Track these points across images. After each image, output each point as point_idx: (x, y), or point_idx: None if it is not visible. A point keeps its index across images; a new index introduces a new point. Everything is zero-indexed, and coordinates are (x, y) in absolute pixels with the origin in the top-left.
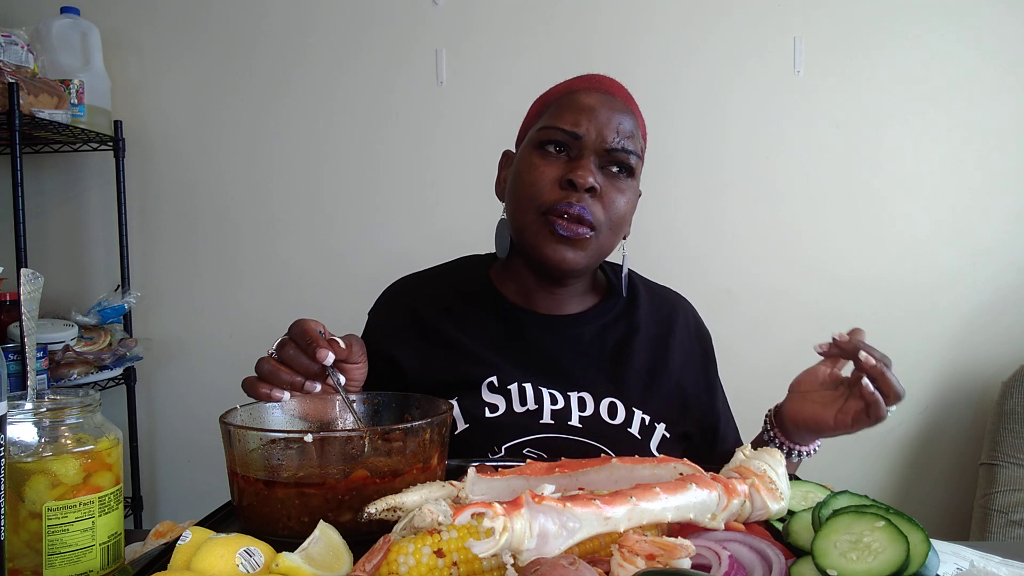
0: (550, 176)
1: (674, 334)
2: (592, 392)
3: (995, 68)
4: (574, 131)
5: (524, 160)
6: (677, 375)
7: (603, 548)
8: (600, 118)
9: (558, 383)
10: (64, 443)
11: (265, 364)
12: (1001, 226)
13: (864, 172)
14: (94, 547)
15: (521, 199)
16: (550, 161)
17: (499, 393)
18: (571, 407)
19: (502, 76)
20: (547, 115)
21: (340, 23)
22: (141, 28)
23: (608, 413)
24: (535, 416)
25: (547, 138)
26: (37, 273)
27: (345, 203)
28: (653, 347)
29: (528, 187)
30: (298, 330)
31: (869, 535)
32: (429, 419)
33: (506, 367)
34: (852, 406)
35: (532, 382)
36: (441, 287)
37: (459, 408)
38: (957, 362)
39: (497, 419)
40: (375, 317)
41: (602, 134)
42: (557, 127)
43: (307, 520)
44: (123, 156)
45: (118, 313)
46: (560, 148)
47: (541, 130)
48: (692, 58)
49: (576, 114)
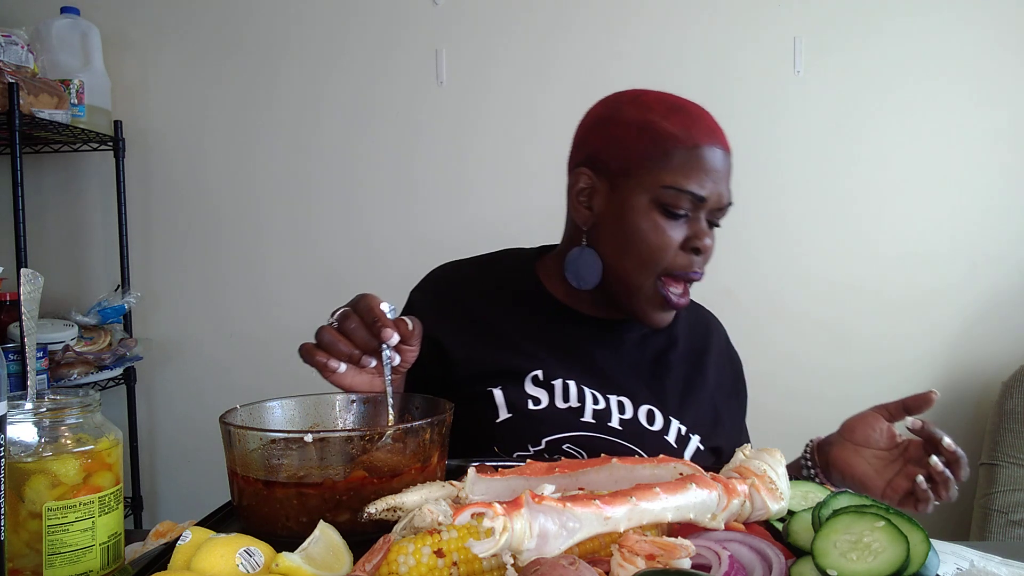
0: (676, 239)
1: (710, 352)
2: (631, 397)
3: (996, 69)
4: (701, 195)
5: (646, 218)
6: (711, 391)
7: (603, 548)
8: (721, 180)
9: (599, 384)
10: (64, 443)
11: (326, 334)
12: (1001, 226)
13: (864, 172)
14: (94, 547)
15: (643, 259)
16: (673, 224)
17: (543, 387)
18: (611, 409)
19: (502, 76)
20: (670, 169)
21: (340, 23)
22: (141, 28)
23: (647, 419)
24: (577, 413)
25: (675, 203)
26: (37, 273)
27: (347, 203)
28: (689, 362)
29: (655, 251)
30: (364, 305)
31: (869, 535)
32: (429, 419)
33: (550, 362)
34: (902, 485)
35: (575, 380)
36: (488, 278)
37: (502, 397)
38: (957, 362)
39: (539, 412)
40: (420, 297)
41: (721, 196)
42: (687, 191)
43: (306, 520)
44: (123, 156)
45: (118, 313)
46: (683, 210)
47: (668, 190)
48: (692, 58)
49: (702, 175)
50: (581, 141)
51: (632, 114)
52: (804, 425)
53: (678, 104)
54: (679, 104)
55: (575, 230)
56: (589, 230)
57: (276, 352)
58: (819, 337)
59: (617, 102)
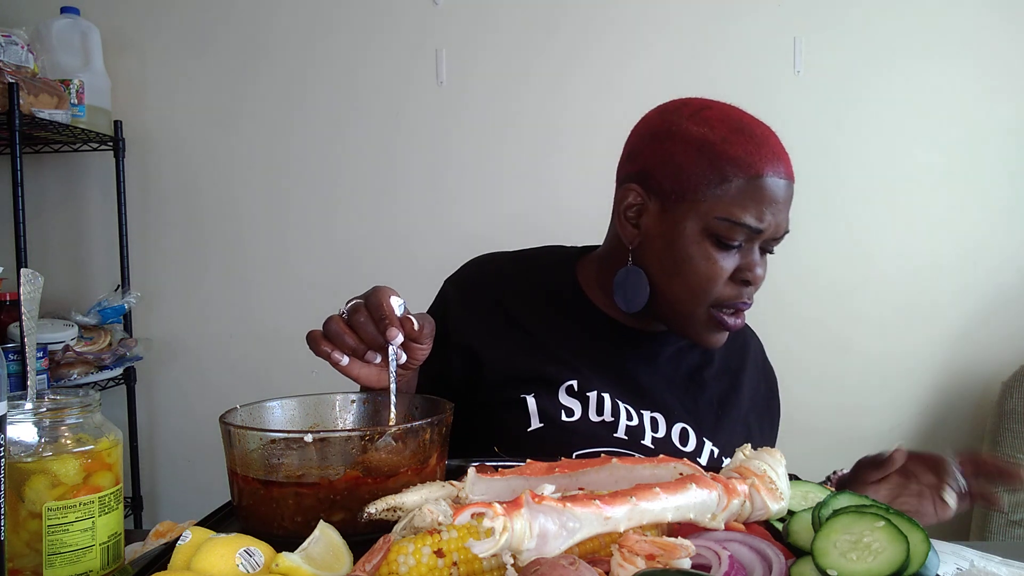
0: (726, 270)
1: (745, 369)
2: (666, 414)
3: (995, 67)
4: (758, 227)
5: (697, 247)
6: (745, 410)
7: (603, 548)
8: (782, 211)
9: (633, 399)
10: (64, 443)
11: (333, 324)
12: (1001, 226)
13: (864, 172)
14: (94, 547)
15: (692, 288)
16: (726, 254)
17: (577, 398)
18: (644, 426)
19: (502, 76)
20: (727, 199)
21: (341, 23)
22: (141, 28)
23: (680, 439)
24: (610, 428)
25: (729, 236)
26: (37, 273)
27: (345, 203)
28: (725, 380)
29: (704, 281)
30: (375, 300)
31: (869, 535)
32: (429, 419)
33: (586, 373)
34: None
35: (610, 393)
36: (527, 279)
37: (535, 405)
38: (957, 362)
39: (572, 424)
40: (454, 291)
41: (779, 227)
42: (743, 223)
43: (305, 520)
44: (123, 156)
45: (118, 313)
46: (737, 241)
47: (723, 222)
48: (693, 58)
49: (761, 207)
50: (634, 153)
51: (692, 131)
52: (805, 421)
53: (743, 125)
54: (744, 125)
55: (619, 245)
56: (635, 248)
57: (277, 352)
58: (818, 337)
59: (677, 114)
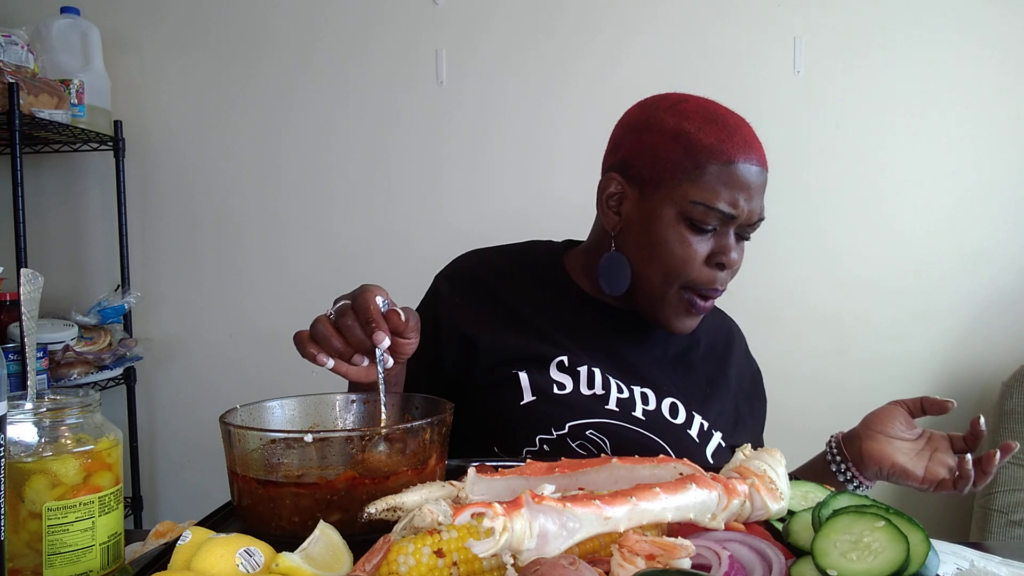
0: (701, 254)
1: (732, 354)
2: (655, 390)
3: (995, 67)
4: (732, 213)
5: (673, 231)
6: (733, 392)
7: (603, 548)
8: (755, 197)
9: (623, 375)
10: (64, 443)
11: (320, 326)
12: (1001, 226)
13: (864, 172)
14: (94, 547)
15: (667, 271)
16: (700, 238)
17: (567, 373)
18: (635, 399)
19: (502, 76)
20: (701, 184)
21: (340, 23)
22: (141, 28)
23: (670, 412)
24: (601, 401)
25: (703, 220)
26: (37, 273)
27: (345, 203)
28: (712, 363)
29: (679, 264)
30: (361, 303)
31: (869, 535)
32: (429, 419)
33: (576, 350)
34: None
35: (600, 368)
36: (517, 269)
37: (527, 380)
38: (957, 362)
39: (564, 396)
40: (446, 283)
41: (752, 212)
42: (716, 208)
43: (300, 520)
44: (123, 156)
45: (118, 313)
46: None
47: (697, 206)
48: (692, 58)
49: (734, 193)
50: (615, 144)
51: (668, 122)
52: (804, 422)
53: (716, 115)
54: (717, 115)
55: (603, 232)
56: (617, 235)
57: (277, 352)
58: (818, 337)
59: (655, 107)
